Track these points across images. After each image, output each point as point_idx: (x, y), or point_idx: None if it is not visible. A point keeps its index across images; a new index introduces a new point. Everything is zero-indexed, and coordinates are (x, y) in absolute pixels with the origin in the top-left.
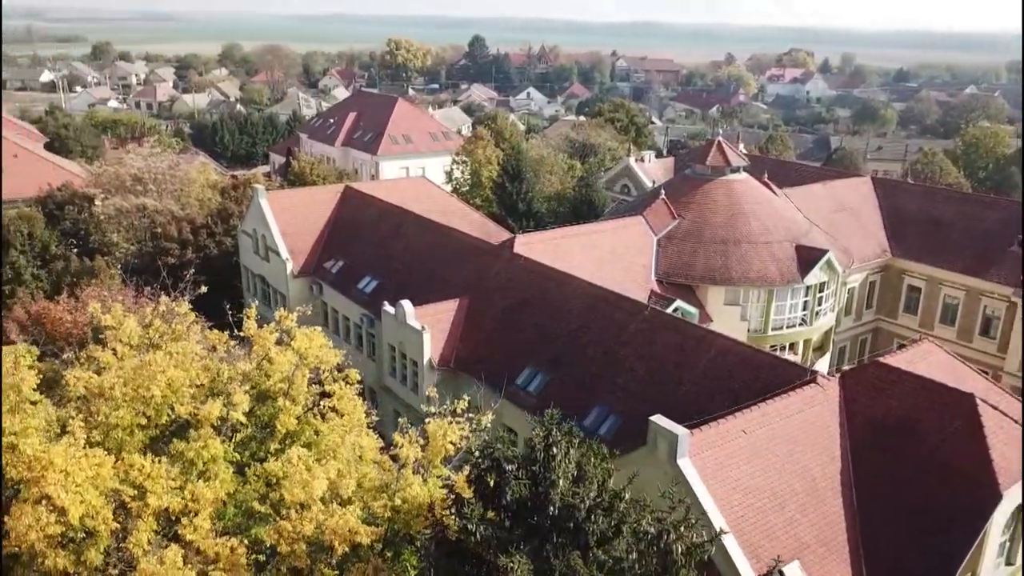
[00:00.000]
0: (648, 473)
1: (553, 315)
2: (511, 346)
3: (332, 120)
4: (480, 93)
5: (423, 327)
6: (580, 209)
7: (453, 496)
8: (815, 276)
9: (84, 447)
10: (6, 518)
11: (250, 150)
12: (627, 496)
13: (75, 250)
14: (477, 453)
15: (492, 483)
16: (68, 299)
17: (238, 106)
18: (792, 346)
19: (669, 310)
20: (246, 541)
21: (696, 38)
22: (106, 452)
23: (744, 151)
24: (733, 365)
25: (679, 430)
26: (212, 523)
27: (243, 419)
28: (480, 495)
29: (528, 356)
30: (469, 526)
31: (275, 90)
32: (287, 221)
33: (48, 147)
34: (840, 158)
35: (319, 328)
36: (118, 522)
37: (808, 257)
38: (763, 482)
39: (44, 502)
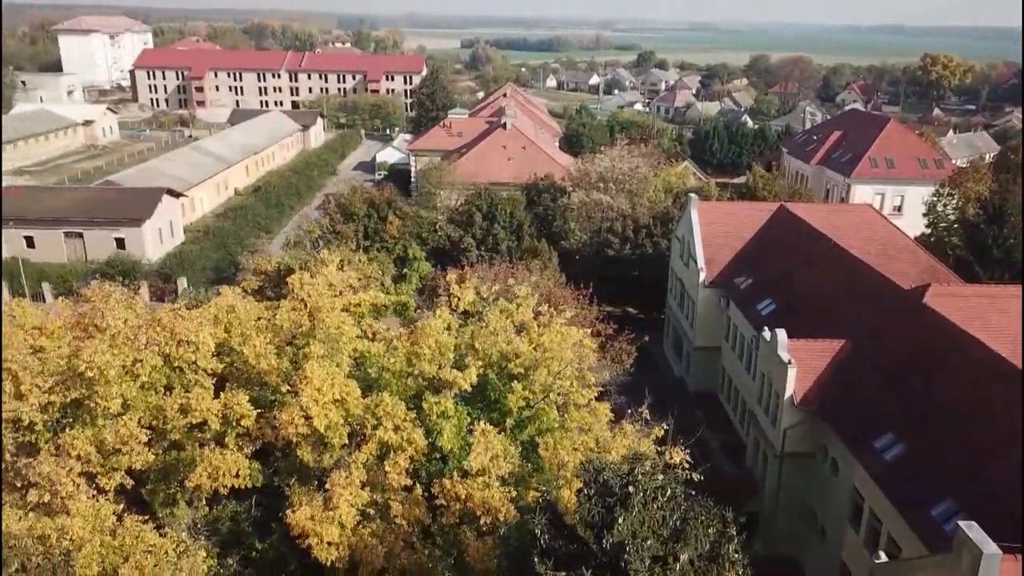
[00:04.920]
0: None
1: (940, 383)
2: (882, 405)
3: (815, 137)
4: None
5: (790, 361)
6: None
7: (544, 502)
8: None
9: (345, 376)
10: (281, 413)
11: (736, 160)
12: (684, 558)
13: (544, 231)
14: (584, 469)
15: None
16: (481, 267)
17: (744, 116)
18: None
19: None
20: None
21: None
22: (374, 389)
23: None
24: None
25: (988, 547)
26: (410, 463)
27: (467, 387)
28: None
29: (895, 421)
30: (536, 531)
31: (785, 102)
32: (712, 232)
33: (564, 141)
34: None
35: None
36: (350, 439)
37: None
38: None
39: (300, 408)
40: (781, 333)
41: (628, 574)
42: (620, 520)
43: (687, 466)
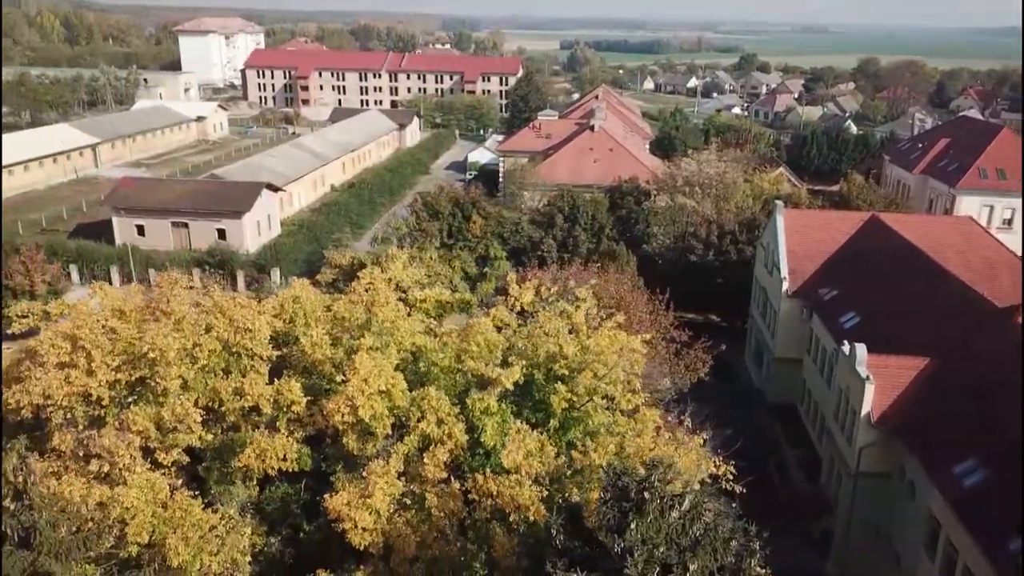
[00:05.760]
0: None
1: None
2: (965, 428)
3: (920, 145)
4: None
5: (868, 376)
6: None
7: (563, 502)
8: None
9: (393, 369)
10: (328, 402)
11: (835, 167)
12: (694, 568)
13: (626, 234)
14: (605, 472)
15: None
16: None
17: (848, 121)
18: None
19: None
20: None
21: None
22: (425, 383)
23: None
24: None
25: None
26: (449, 457)
27: (509, 385)
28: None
29: (978, 446)
30: (552, 530)
31: (893, 108)
32: (798, 240)
33: (655, 145)
34: None
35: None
36: (395, 430)
37: None
38: None
39: (346, 397)
40: (861, 347)
41: None
42: (632, 525)
43: (731, 477)
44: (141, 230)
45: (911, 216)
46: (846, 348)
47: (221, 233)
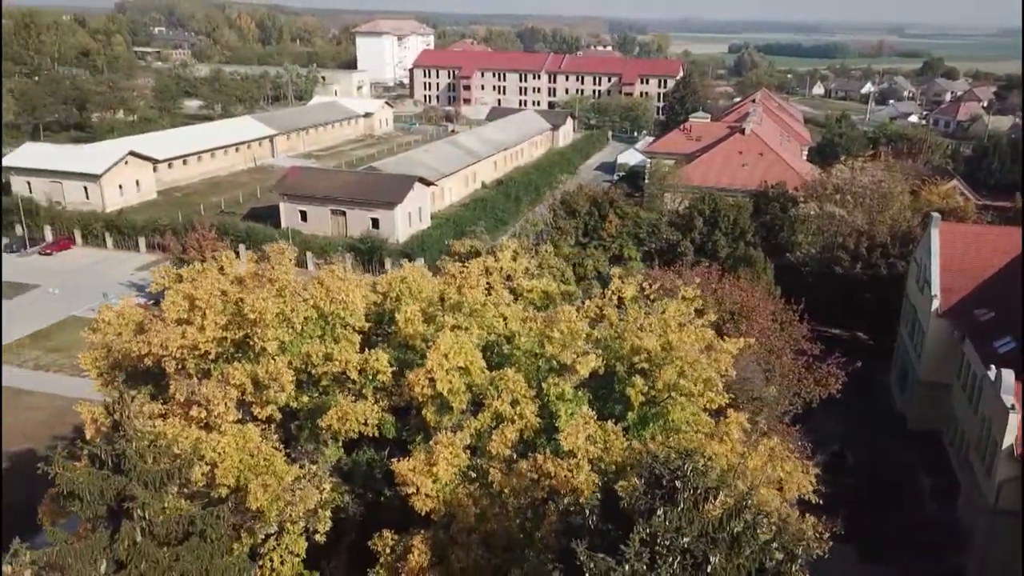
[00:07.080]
0: None
1: None
2: None
3: None
4: None
5: (1013, 405)
6: None
7: (600, 485)
8: None
9: (474, 347)
10: (410, 374)
11: (1016, 179)
12: (715, 561)
13: (770, 241)
14: (645, 459)
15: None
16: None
17: None
18: None
19: None
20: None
21: None
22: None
23: None
24: None
25: None
26: (519, 436)
27: (585, 374)
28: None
29: None
30: (586, 511)
31: None
32: (953, 256)
33: (815, 151)
34: None
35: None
36: (472, 406)
37: None
38: None
39: (426, 371)
40: (1008, 373)
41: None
42: (659, 512)
43: (811, 487)
44: (304, 216)
45: None
46: (991, 373)
47: (375, 222)
